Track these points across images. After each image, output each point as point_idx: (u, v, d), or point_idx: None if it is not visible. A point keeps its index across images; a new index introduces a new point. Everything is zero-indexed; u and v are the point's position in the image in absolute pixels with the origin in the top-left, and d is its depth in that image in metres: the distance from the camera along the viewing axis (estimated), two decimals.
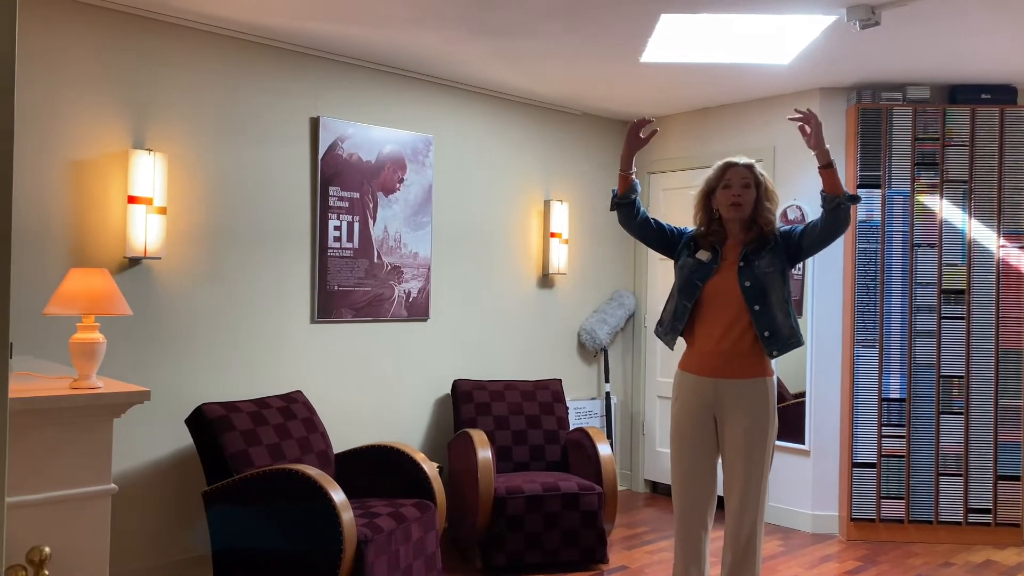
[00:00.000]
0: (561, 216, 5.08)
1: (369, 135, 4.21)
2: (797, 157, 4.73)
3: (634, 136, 3.01)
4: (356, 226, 4.16)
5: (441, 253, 4.55)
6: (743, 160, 2.97)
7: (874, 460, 4.45)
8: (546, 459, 4.36)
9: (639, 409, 5.49)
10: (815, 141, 2.82)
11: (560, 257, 5.07)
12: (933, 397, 4.44)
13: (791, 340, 2.85)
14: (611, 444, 5.17)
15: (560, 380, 4.69)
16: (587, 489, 3.93)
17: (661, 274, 5.42)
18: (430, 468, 3.58)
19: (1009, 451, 4.40)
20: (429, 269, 4.47)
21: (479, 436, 3.98)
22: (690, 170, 5.27)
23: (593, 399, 5.34)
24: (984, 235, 4.43)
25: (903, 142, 4.46)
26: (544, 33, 3.75)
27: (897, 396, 4.46)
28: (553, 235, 5.05)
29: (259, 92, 3.86)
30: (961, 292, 4.43)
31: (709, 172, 3.00)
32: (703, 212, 2.99)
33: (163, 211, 3.49)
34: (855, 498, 4.45)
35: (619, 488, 5.42)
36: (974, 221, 4.43)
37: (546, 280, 5.13)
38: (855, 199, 2.85)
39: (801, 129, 2.87)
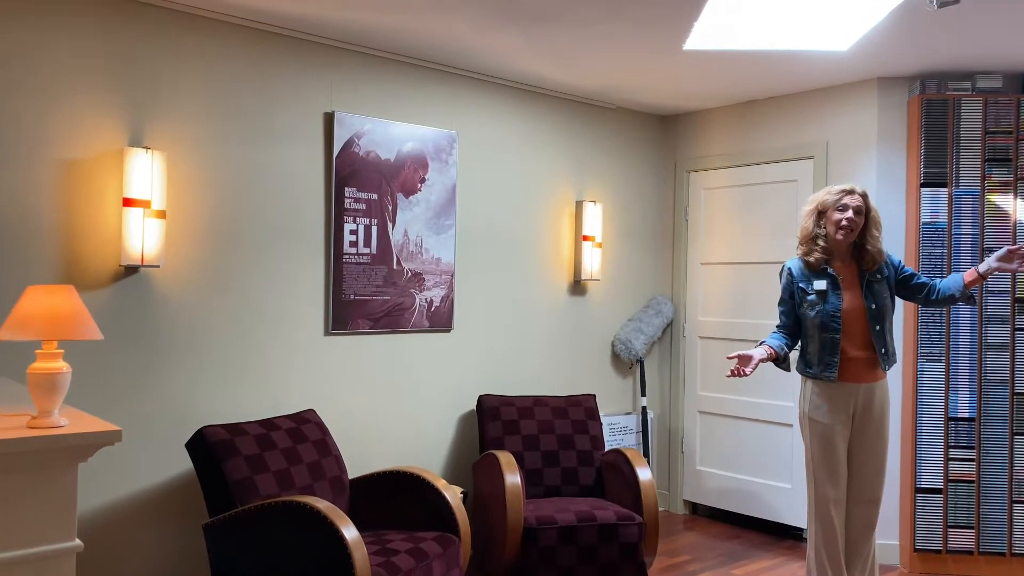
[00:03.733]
0: (594, 218, 4.73)
1: (388, 131, 3.89)
2: (852, 153, 4.34)
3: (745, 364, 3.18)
4: (374, 230, 3.84)
5: (465, 259, 4.22)
6: (859, 188, 3.22)
7: (940, 485, 4.05)
8: (580, 483, 4.01)
9: (678, 425, 5.13)
10: (1003, 267, 3.09)
11: (593, 262, 4.72)
12: (1006, 416, 4.02)
13: (894, 360, 3.26)
14: (648, 462, 4.83)
15: (594, 396, 4.33)
16: (626, 519, 3.58)
17: (701, 279, 5.05)
18: (453, 497, 3.25)
19: None
20: (452, 276, 4.14)
21: (506, 459, 3.64)
22: (734, 168, 4.90)
23: (628, 414, 4.98)
24: None
25: (972, 136, 4.06)
26: (579, 18, 3.41)
27: (966, 415, 4.05)
28: (586, 238, 4.70)
29: (268, 85, 3.55)
30: None
31: (825, 195, 3.24)
32: (814, 229, 3.23)
33: (162, 215, 3.20)
34: (919, 527, 4.06)
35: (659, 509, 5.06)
36: None
37: (578, 287, 4.78)
38: (972, 300, 3.23)
39: (1011, 255, 3.07)
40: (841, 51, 3.79)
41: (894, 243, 4.12)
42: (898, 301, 3.64)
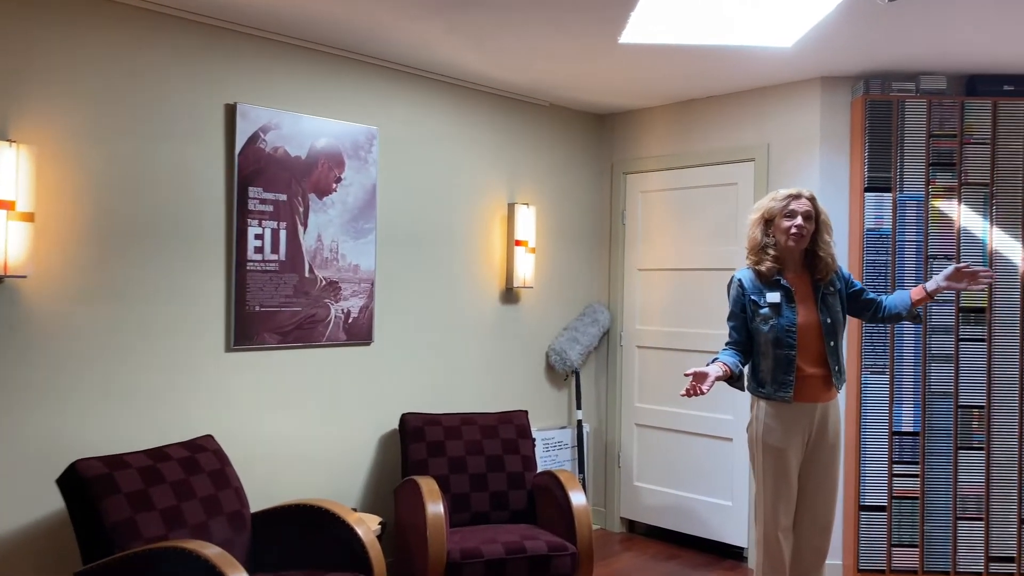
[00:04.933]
0: (527, 222, 4.45)
1: (299, 126, 3.54)
2: (794, 156, 4.15)
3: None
4: (283, 234, 3.49)
5: (387, 265, 3.89)
6: (806, 192, 3.03)
7: (884, 502, 3.89)
8: (510, 508, 3.72)
9: (615, 438, 4.88)
10: (951, 286, 2.99)
11: (526, 268, 4.44)
12: (951, 430, 3.89)
13: (845, 378, 3.09)
14: (583, 478, 4.58)
15: (526, 412, 4.05)
16: (558, 549, 3.31)
17: (639, 286, 4.81)
18: (367, 532, 2.92)
19: None
20: (373, 284, 3.81)
21: (429, 486, 3.33)
22: (672, 170, 4.68)
23: (563, 428, 4.72)
24: (1007, 245, 3.89)
25: (916, 139, 3.90)
26: (509, 6, 3.12)
27: (910, 430, 3.90)
28: (518, 243, 4.41)
29: (160, 72, 3.17)
30: (982, 311, 3.89)
31: (770, 201, 3.03)
32: (763, 239, 3.02)
33: (29, 217, 2.79)
34: (862, 546, 3.89)
35: (594, 527, 4.81)
36: (996, 229, 3.89)
37: (510, 294, 4.49)
38: (918, 319, 3.12)
39: (974, 276, 2.95)
40: (785, 47, 3.58)
41: (838, 250, 3.91)
42: None
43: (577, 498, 3.45)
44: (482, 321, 4.34)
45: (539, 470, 3.99)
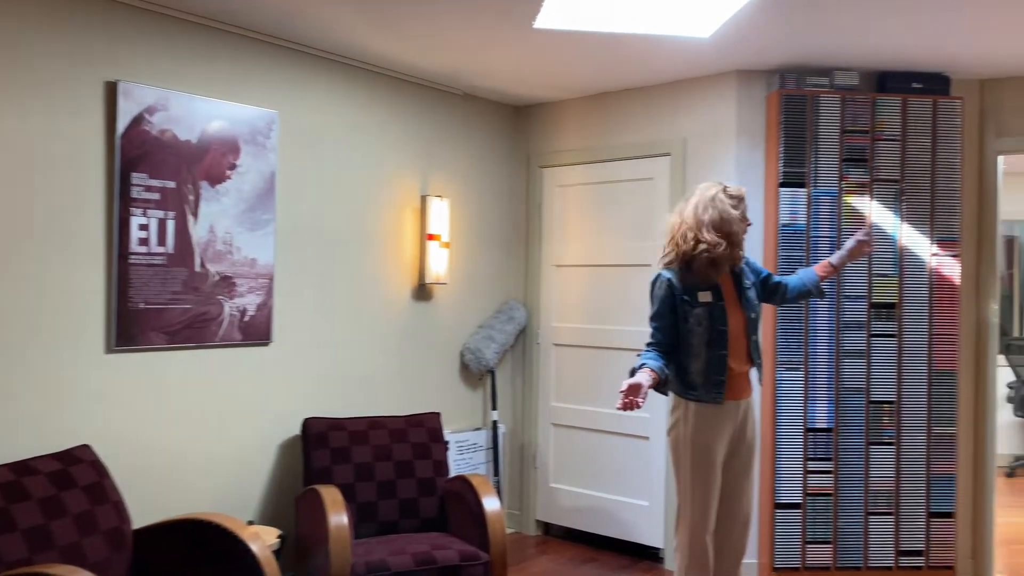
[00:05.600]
0: (440, 215, 4.26)
1: (190, 108, 3.26)
2: (710, 150, 4.10)
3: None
4: (171, 224, 3.21)
5: (288, 259, 3.65)
6: (741, 189, 2.98)
7: (799, 500, 3.87)
8: (420, 516, 3.54)
9: (531, 439, 4.75)
10: (853, 258, 3.14)
11: (439, 263, 4.26)
12: (862, 426, 3.89)
13: (762, 370, 3.11)
14: (498, 481, 4.43)
15: (438, 414, 3.87)
16: (471, 558, 3.14)
17: (556, 283, 4.69)
18: (261, 550, 2.69)
19: (942, 485, 3.92)
20: (272, 280, 3.56)
21: (331, 496, 3.12)
22: (589, 164, 4.57)
23: (478, 429, 4.55)
24: (916, 242, 3.92)
25: (830, 134, 3.89)
26: None
27: (824, 426, 3.89)
28: (431, 237, 4.22)
29: (27, 43, 2.85)
30: (892, 306, 3.91)
31: (730, 208, 2.87)
32: (713, 236, 2.85)
33: None
34: (778, 544, 3.86)
35: (508, 530, 4.68)
36: (906, 226, 3.92)
37: (423, 291, 4.30)
38: (823, 294, 3.23)
39: (861, 247, 3.10)
40: (703, 39, 3.51)
41: (753, 244, 3.90)
42: None
43: (490, 504, 3.29)
44: (392, 319, 4.13)
45: (452, 475, 3.82)
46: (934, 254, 3.92)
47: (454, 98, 4.47)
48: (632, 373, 2.81)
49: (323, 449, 3.49)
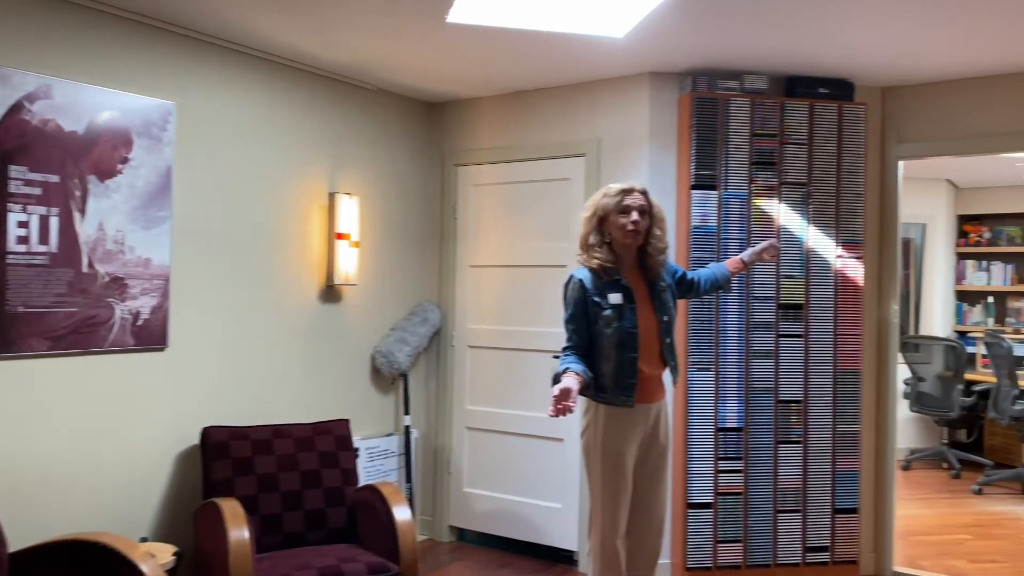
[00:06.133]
0: (350, 213, 4.12)
1: (77, 97, 3.04)
2: (624, 152, 4.09)
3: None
4: (54, 222, 2.98)
5: (185, 259, 3.45)
6: (639, 185, 2.92)
7: (710, 499, 3.90)
8: (328, 527, 3.40)
9: (445, 444, 4.65)
10: (761, 259, 3.30)
11: (349, 264, 4.12)
12: (771, 425, 3.96)
13: (678, 372, 3.07)
14: (411, 488, 4.32)
15: (347, 421, 3.73)
16: (380, 570, 3.04)
17: (471, 283, 4.61)
18: (153, 570, 2.51)
19: (846, 481, 4.02)
20: (168, 281, 3.36)
21: (231, 509, 2.95)
22: (504, 163, 4.51)
23: (390, 435, 4.43)
24: (822, 244, 4.01)
25: (740, 137, 3.94)
26: None
27: (734, 425, 3.93)
28: (340, 236, 4.08)
29: None
30: (800, 307, 3.99)
31: (603, 197, 2.90)
32: (596, 237, 2.88)
33: None
34: (690, 544, 3.88)
35: (420, 537, 4.57)
36: (812, 228, 4.00)
37: (331, 292, 4.15)
38: (731, 287, 3.36)
39: (771, 251, 3.27)
40: (616, 38, 3.48)
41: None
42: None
43: (401, 513, 3.19)
44: (299, 322, 3.97)
45: (362, 483, 3.69)
46: (839, 256, 4.02)
47: (365, 93, 4.34)
48: (555, 379, 2.75)
49: (224, 460, 3.32)
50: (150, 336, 3.29)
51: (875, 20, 3.26)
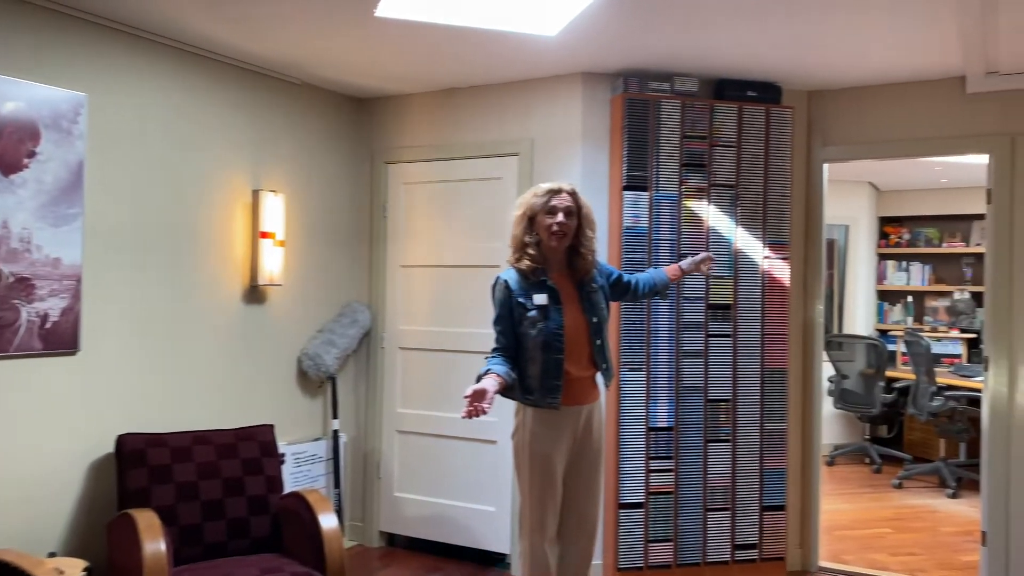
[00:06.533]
0: (275, 211, 4.00)
1: None
2: (557, 152, 4.08)
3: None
4: None
5: (99, 259, 3.28)
6: (567, 186, 2.89)
7: (642, 499, 3.91)
8: (251, 536, 3.28)
9: (374, 447, 4.56)
10: (697, 270, 3.32)
11: (274, 263, 3.99)
12: (701, 424, 3.99)
13: (613, 374, 3.03)
14: (339, 493, 4.22)
15: (271, 426, 3.61)
16: None
17: (401, 284, 4.53)
18: None
19: (774, 479, 4.08)
20: (79, 281, 3.19)
21: (147, 521, 2.82)
22: (436, 161, 4.45)
23: (317, 440, 4.32)
24: (750, 245, 4.06)
25: (671, 139, 3.96)
26: None
27: (665, 425, 3.96)
28: (264, 235, 3.95)
29: None
30: (728, 307, 4.03)
31: (532, 196, 2.89)
32: (525, 237, 2.86)
33: None
34: (622, 544, 3.89)
35: (350, 543, 4.48)
36: (740, 230, 4.05)
37: (255, 293, 4.02)
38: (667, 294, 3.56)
39: (707, 263, 3.30)
40: (549, 37, 3.46)
41: (598, 246, 3.89)
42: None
43: (327, 521, 3.10)
44: (221, 323, 3.83)
45: (288, 490, 3.59)
46: (766, 257, 4.08)
47: (291, 87, 4.22)
48: (479, 380, 2.72)
49: (140, 468, 3.17)
50: (60, 340, 3.12)
51: (802, 26, 3.31)
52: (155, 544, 2.74)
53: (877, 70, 3.96)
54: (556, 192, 2.86)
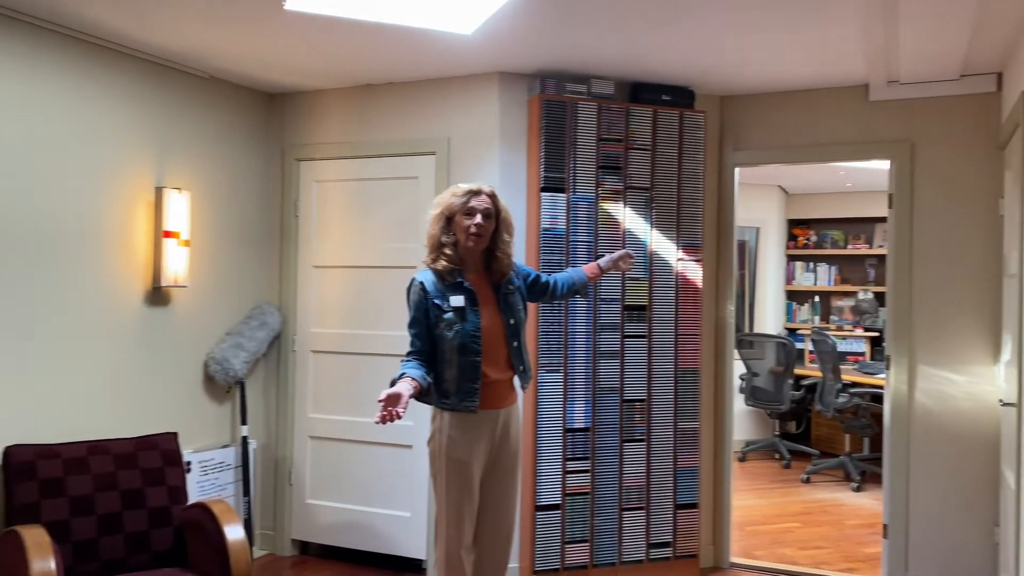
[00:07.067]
0: (180, 210, 3.83)
1: None
2: (474, 151, 4.04)
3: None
4: None
5: None
6: (487, 188, 2.87)
7: (558, 501, 3.91)
8: (152, 550, 3.13)
9: (286, 454, 4.43)
10: (616, 268, 3.27)
11: (178, 264, 3.82)
12: (617, 424, 4.02)
13: (531, 376, 3.00)
14: (249, 501, 4.08)
15: (175, 434, 3.46)
16: None
17: (314, 285, 4.41)
18: None
19: (687, 477, 4.14)
20: None
21: (35, 538, 2.66)
22: (350, 159, 4.35)
23: (226, 447, 4.16)
24: (664, 247, 4.11)
25: (588, 141, 3.97)
26: None
27: (582, 426, 3.96)
28: (168, 235, 3.78)
29: None
30: (643, 308, 4.07)
31: (451, 196, 2.85)
32: (442, 236, 2.82)
33: None
34: (538, 547, 3.88)
35: (260, 552, 4.34)
36: (655, 232, 4.09)
37: (158, 295, 3.84)
38: (587, 293, 3.56)
39: (627, 261, 3.27)
40: (465, 35, 3.41)
41: (516, 248, 3.86)
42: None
43: (233, 532, 2.98)
44: (120, 327, 3.64)
45: (194, 500, 3.44)
46: (680, 259, 4.13)
47: (198, 81, 4.05)
48: (392, 384, 2.66)
49: (29, 482, 2.98)
50: None
51: (713, 32, 3.36)
52: (44, 563, 2.58)
53: (786, 77, 4.06)
54: (475, 193, 2.83)
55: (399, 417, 2.52)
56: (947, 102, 3.98)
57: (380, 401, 2.51)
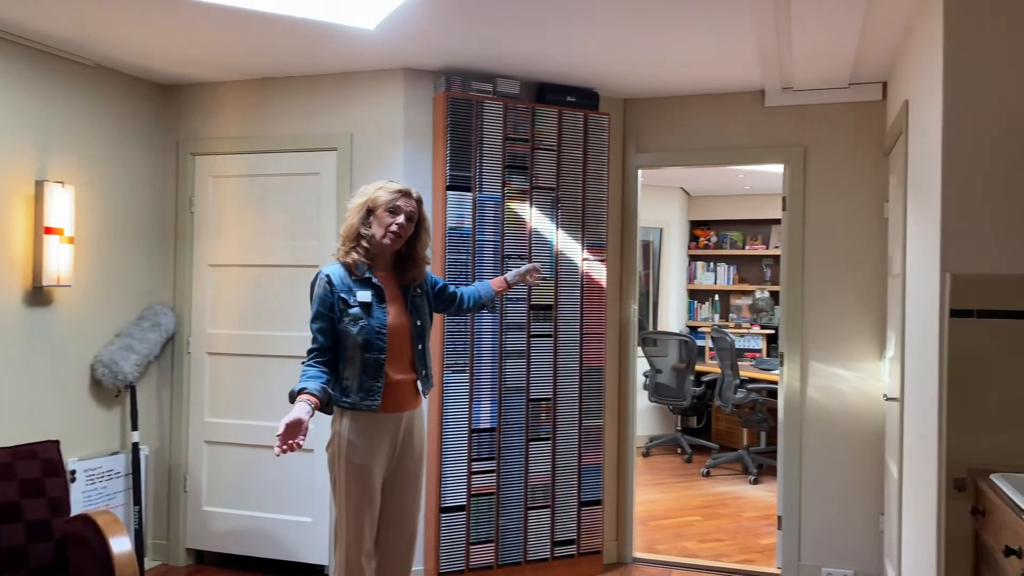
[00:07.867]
0: (63, 205, 3.62)
1: None
2: (378, 148, 3.97)
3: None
4: None
5: None
6: (416, 193, 2.86)
7: (463, 502, 3.89)
8: (30, 566, 2.93)
9: (180, 460, 4.25)
10: (523, 281, 3.27)
11: (62, 262, 3.61)
12: (523, 423, 4.02)
13: (432, 383, 2.96)
14: (140, 510, 3.90)
15: (56, 442, 3.25)
16: None
17: (210, 284, 4.24)
18: None
19: (591, 474, 4.19)
20: None
21: None
22: (249, 154, 4.20)
23: (115, 454, 3.96)
24: (570, 247, 4.14)
25: (494, 140, 3.96)
26: None
27: (488, 425, 3.95)
28: (50, 231, 3.57)
29: None
30: (549, 308, 4.09)
31: (378, 190, 2.81)
32: (361, 228, 2.79)
33: None
34: (443, 548, 3.84)
35: (153, 563, 4.15)
36: (561, 232, 4.12)
37: (39, 295, 3.61)
38: (494, 307, 3.66)
39: (533, 274, 3.26)
40: (368, 29, 3.34)
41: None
42: None
43: (119, 545, 2.82)
44: None
45: (80, 511, 3.25)
46: (585, 259, 4.17)
47: (83, 70, 3.83)
48: (292, 397, 2.58)
49: None
50: None
51: (614, 35, 3.40)
52: None
53: (687, 82, 4.16)
54: (405, 195, 2.81)
55: (299, 447, 2.45)
56: (837, 109, 4.15)
57: (279, 436, 2.43)
